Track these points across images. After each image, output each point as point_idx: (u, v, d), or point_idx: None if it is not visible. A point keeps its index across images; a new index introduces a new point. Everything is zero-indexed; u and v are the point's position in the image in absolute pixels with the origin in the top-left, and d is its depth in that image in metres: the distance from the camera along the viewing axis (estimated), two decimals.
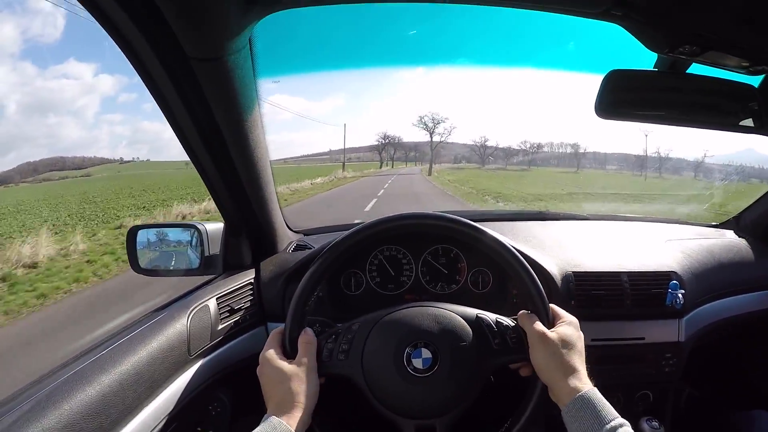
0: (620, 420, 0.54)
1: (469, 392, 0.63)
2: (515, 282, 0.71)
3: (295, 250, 1.09)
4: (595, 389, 0.58)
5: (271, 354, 0.64)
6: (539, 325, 0.63)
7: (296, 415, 0.58)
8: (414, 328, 0.64)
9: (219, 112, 0.74)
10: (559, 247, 1.07)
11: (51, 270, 5.80)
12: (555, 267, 0.98)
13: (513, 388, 0.70)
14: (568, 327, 0.64)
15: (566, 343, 0.62)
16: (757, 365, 1.36)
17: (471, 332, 0.64)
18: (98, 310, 4.14)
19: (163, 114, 0.75)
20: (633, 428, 0.96)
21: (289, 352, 0.65)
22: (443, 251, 1.00)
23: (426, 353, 0.63)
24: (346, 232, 0.72)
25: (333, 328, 0.68)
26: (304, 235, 1.23)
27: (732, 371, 1.38)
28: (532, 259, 0.92)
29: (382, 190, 17.70)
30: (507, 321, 0.67)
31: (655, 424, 0.94)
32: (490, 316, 0.66)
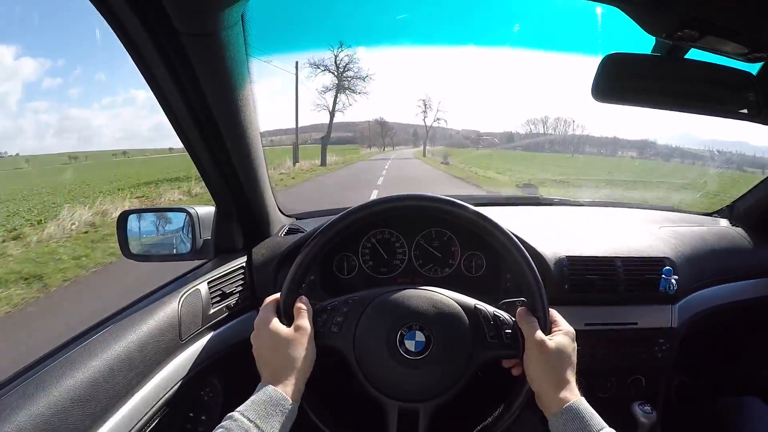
0: (608, 429, 0.54)
1: (457, 380, 0.62)
2: (510, 266, 0.70)
3: (287, 234, 1.08)
4: (583, 399, 0.57)
5: (267, 319, 0.61)
6: (539, 333, 0.61)
7: (292, 383, 0.56)
8: (411, 309, 0.63)
9: (210, 91, 0.72)
10: (552, 232, 1.07)
11: None
12: (549, 251, 0.98)
13: (498, 385, 0.69)
14: (565, 337, 0.62)
15: (562, 355, 0.60)
16: (748, 353, 1.38)
17: (467, 321, 0.63)
18: None
19: (152, 93, 0.72)
20: (625, 412, 0.99)
21: (284, 319, 0.63)
22: (436, 234, 0.99)
23: (420, 336, 0.62)
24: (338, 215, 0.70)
25: (328, 301, 0.67)
26: (297, 219, 1.21)
27: (723, 359, 1.40)
28: (526, 242, 0.92)
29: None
30: (505, 316, 0.65)
31: (648, 408, 0.95)
32: (489, 309, 0.65)
